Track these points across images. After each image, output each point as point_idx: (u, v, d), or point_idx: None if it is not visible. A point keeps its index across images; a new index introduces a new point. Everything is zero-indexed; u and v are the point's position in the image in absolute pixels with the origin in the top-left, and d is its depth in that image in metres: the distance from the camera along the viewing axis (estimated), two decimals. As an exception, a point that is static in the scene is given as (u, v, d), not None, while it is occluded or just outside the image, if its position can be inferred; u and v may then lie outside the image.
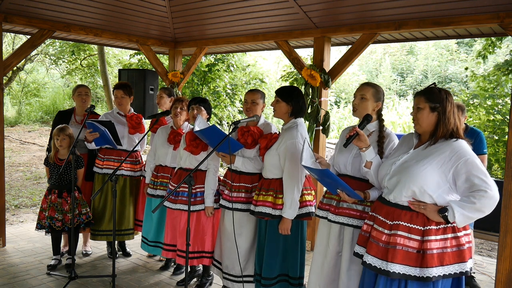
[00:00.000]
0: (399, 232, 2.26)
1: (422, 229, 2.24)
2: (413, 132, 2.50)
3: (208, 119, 3.85)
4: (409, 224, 2.26)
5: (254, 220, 3.37)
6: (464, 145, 2.25)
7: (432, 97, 2.29)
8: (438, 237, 2.22)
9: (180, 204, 3.61)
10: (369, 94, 2.72)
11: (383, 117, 2.81)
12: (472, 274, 4.13)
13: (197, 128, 3.31)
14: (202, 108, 3.73)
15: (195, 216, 3.59)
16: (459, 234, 2.26)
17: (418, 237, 2.23)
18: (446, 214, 2.18)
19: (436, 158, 2.24)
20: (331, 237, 2.80)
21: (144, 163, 4.46)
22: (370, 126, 2.75)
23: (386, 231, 2.31)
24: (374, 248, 2.34)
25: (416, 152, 2.37)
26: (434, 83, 2.40)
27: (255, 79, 13.16)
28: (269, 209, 3.12)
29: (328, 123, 4.78)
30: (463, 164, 2.18)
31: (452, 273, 2.22)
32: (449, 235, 2.24)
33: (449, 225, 2.24)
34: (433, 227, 2.23)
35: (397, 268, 2.22)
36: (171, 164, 3.97)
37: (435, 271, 2.19)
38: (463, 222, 2.20)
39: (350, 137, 2.54)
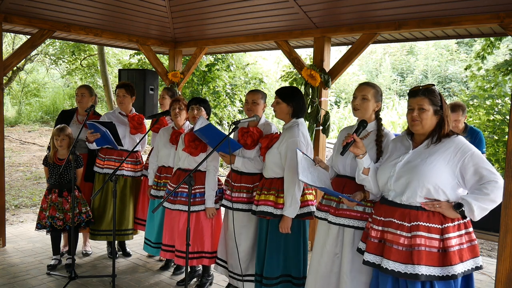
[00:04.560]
0: (420, 233, 2.24)
1: (441, 227, 2.24)
2: (404, 135, 2.49)
3: (207, 120, 3.85)
4: (428, 224, 2.25)
5: (256, 220, 3.37)
6: (464, 140, 2.30)
7: (435, 100, 2.31)
8: (456, 233, 2.24)
9: (179, 204, 3.61)
10: (370, 95, 2.72)
11: (380, 117, 2.81)
12: None
13: (196, 128, 3.32)
14: (202, 109, 3.73)
15: (194, 217, 3.59)
16: (470, 229, 2.29)
17: (438, 236, 2.24)
18: (463, 209, 2.19)
19: (442, 154, 2.26)
20: (329, 238, 2.79)
21: (144, 163, 4.47)
22: (368, 126, 2.75)
23: (404, 234, 2.28)
24: (394, 253, 2.29)
25: (417, 151, 2.37)
26: (433, 84, 2.40)
27: (255, 79, 13.16)
28: (271, 208, 3.12)
29: (328, 123, 4.78)
30: (469, 157, 2.22)
31: (470, 268, 2.25)
32: (463, 231, 2.27)
33: (461, 221, 2.26)
34: (450, 224, 2.25)
35: (424, 270, 2.21)
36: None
37: (458, 268, 2.20)
38: (480, 215, 2.22)
39: (347, 144, 2.51)
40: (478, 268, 2.27)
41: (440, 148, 2.28)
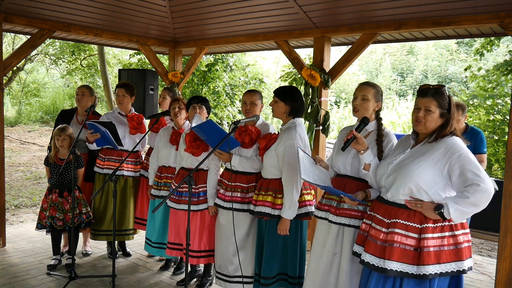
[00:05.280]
0: (397, 230, 2.28)
1: (419, 227, 2.25)
2: (410, 134, 2.51)
3: (206, 119, 3.86)
4: (406, 222, 2.28)
5: (249, 220, 3.37)
6: (457, 141, 2.28)
7: (443, 103, 2.30)
8: (435, 235, 2.24)
9: (184, 204, 3.61)
10: (370, 95, 2.72)
11: (381, 117, 2.82)
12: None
13: (193, 125, 3.31)
14: (204, 108, 3.74)
15: (200, 215, 3.59)
16: (456, 232, 2.27)
17: (415, 235, 2.25)
18: (442, 210, 2.19)
19: (432, 155, 2.27)
20: (329, 237, 2.79)
21: (145, 163, 4.46)
22: (369, 126, 2.76)
23: (383, 229, 2.34)
24: (372, 247, 2.36)
25: (412, 151, 2.39)
26: (443, 85, 2.38)
27: (255, 79, 13.16)
28: (269, 209, 3.12)
29: (328, 123, 4.78)
30: (456, 159, 2.21)
31: (449, 271, 2.24)
32: (447, 234, 2.26)
33: (447, 223, 2.25)
34: (430, 225, 2.25)
35: (394, 265, 2.24)
36: (175, 164, 3.97)
37: (432, 269, 2.20)
38: (459, 218, 2.22)
39: (347, 141, 2.55)
40: (461, 272, 2.26)
41: (432, 149, 2.29)
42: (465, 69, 8.75)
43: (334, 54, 7.79)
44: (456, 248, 2.26)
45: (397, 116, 13.53)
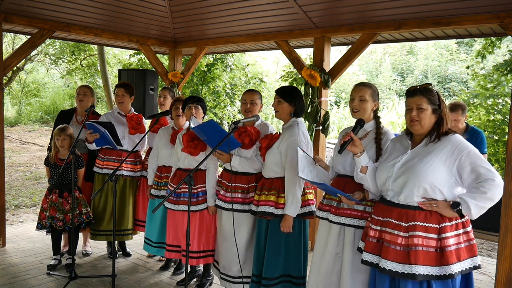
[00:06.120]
0: (417, 233, 2.24)
1: (438, 227, 2.24)
2: (402, 135, 2.50)
3: (203, 119, 3.86)
4: (425, 224, 2.25)
5: (250, 221, 3.37)
6: (461, 138, 2.30)
7: (433, 99, 2.31)
8: (453, 233, 2.24)
9: (182, 205, 3.60)
10: (368, 95, 2.73)
11: (379, 116, 2.82)
12: None
13: (193, 125, 3.31)
14: (200, 107, 3.73)
15: (198, 216, 3.59)
16: (468, 229, 2.29)
17: (435, 236, 2.24)
18: (460, 208, 2.19)
19: (439, 153, 2.26)
20: (330, 237, 2.79)
21: (143, 164, 4.46)
22: (367, 125, 2.76)
23: (402, 234, 2.29)
24: (392, 253, 2.30)
25: (415, 151, 2.37)
26: (430, 83, 2.40)
27: (255, 78, 13.16)
28: (272, 208, 3.12)
29: (327, 123, 4.79)
30: (466, 156, 2.22)
31: (468, 267, 2.25)
32: (461, 231, 2.27)
33: (459, 220, 2.26)
34: (448, 223, 2.24)
35: (421, 269, 2.21)
36: None
37: (456, 268, 2.20)
38: (478, 213, 2.22)
39: (344, 143, 2.54)
40: (476, 267, 2.27)
41: (438, 147, 2.29)
42: (467, 67, 8.74)
43: (334, 54, 7.78)
44: (469, 244, 2.28)
45: (397, 116, 13.54)
